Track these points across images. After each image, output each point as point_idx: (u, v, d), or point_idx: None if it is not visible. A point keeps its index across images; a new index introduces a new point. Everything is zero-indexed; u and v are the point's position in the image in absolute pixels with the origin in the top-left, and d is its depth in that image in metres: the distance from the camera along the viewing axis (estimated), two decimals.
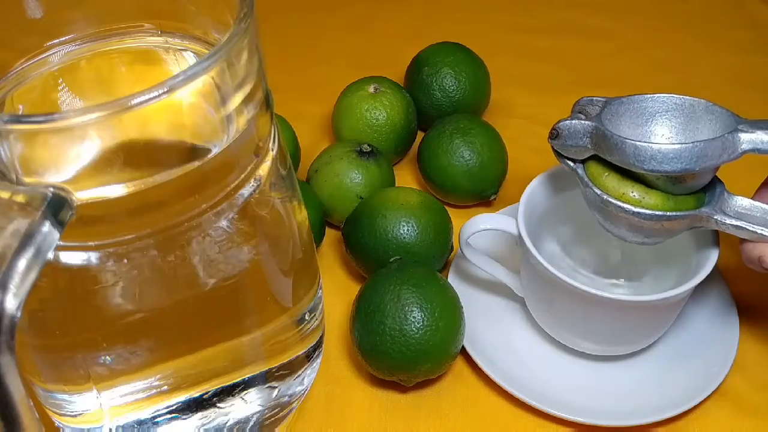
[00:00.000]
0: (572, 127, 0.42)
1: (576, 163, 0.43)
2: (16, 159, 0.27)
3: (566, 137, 0.42)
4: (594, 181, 0.42)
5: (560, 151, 0.43)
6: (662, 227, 0.40)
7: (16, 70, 0.35)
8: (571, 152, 0.43)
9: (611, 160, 0.40)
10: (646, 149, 0.39)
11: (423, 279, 0.45)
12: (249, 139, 0.32)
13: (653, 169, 0.39)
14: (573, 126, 0.42)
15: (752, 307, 0.50)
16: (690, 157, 0.38)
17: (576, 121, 0.42)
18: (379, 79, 0.60)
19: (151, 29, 0.37)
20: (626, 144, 0.39)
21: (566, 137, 0.42)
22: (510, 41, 0.76)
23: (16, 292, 0.25)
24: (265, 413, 0.40)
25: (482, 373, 0.46)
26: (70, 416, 0.37)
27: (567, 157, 0.43)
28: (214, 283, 0.33)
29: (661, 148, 0.38)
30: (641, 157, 0.39)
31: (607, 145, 0.40)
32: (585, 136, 0.41)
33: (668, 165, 0.38)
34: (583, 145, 0.42)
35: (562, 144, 0.42)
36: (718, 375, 0.45)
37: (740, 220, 0.40)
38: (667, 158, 0.38)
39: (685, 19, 0.80)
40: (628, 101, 0.43)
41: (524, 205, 0.45)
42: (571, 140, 0.42)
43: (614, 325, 0.44)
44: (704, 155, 0.38)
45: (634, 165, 0.39)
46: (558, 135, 0.42)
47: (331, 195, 0.55)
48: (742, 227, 0.40)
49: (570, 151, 0.43)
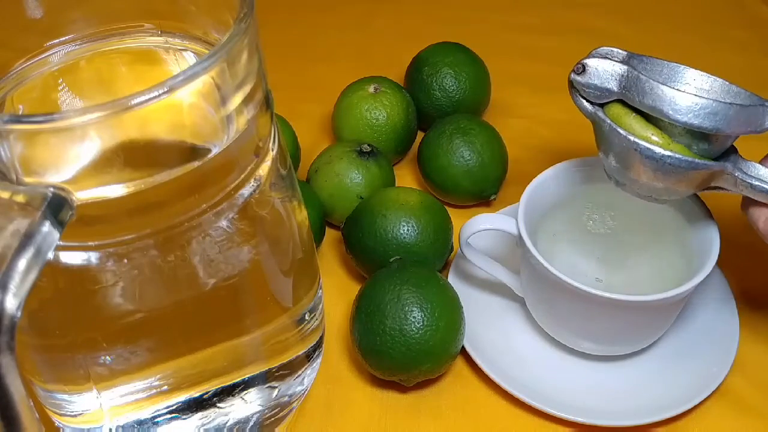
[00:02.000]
0: (601, 66, 0.40)
1: (594, 106, 0.41)
2: (16, 159, 0.27)
3: (592, 75, 0.40)
4: (617, 123, 0.40)
5: (580, 89, 0.41)
6: (685, 177, 0.39)
7: (16, 70, 0.35)
8: (591, 93, 0.41)
9: (641, 105, 0.39)
10: (684, 99, 0.37)
11: (423, 279, 0.45)
12: (249, 139, 0.32)
13: (687, 121, 0.38)
14: (602, 65, 0.40)
15: (752, 306, 0.50)
16: (725, 117, 0.37)
17: (606, 60, 0.40)
18: (379, 79, 0.60)
19: (151, 29, 0.37)
20: (664, 91, 0.38)
21: (592, 75, 0.40)
22: (510, 41, 0.76)
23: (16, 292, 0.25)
24: (265, 413, 0.40)
25: (482, 373, 0.46)
26: (70, 416, 0.37)
27: (584, 98, 0.42)
28: (214, 283, 0.33)
29: (700, 102, 0.37)
30: (678, 107, 0.37)
31: (640, 89, 0.38)
32: (613, 78, 0.40)
33: (704, 120, 0.37)
34: (608, 87, 0.40)
35: (587, 82, 0.40)
36: (718, 375, 0.45)
37: (758, 180, 0.40)
38: (704, 112, 0.37)
39: (685, 19, 0.80)
40: (649, 61, 0.42)
41: (524, 205, 0.45)
42: (597, 79, 0.40)
43: (614, 325, 0.44)
44: (737, 119, 0.38)
45: (668, 114, 0.38)
46: (584, 71, 0.40)
47: (331, 195, 0.55)
48: (760, 186, 0.39)
49: (590, 93, 0.41)
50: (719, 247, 0.43)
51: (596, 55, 0.41)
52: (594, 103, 0.41)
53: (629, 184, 0.42)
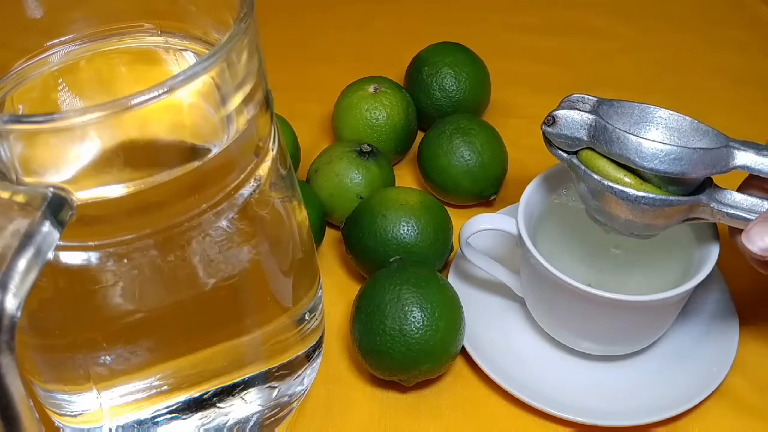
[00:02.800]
0: (570, 117, 0.42)
1: (569, 154, 0.43)
2: (16, 159, 0.27)
3: (562, 126, 0.42)
4: (590, 168, 0.41)
5: (552, 139, 0.43)
6: (662, 214, 0.40)
7: (16, 70, 0.35)
8: (562, 143, 0.42)
9: (609, 154, 0.40)
10: (649, 147, 0.39)
11: (423, 279, 0.45)
12: (249, 139, 0.32)
13: (653, 167, 0.39)
14: (571, 115, 0.42)
15: (752, 307, 0.50)
16: (690, 161, 0.39)
17: (575, 111, 0.42)
18: (379, 79, 0.60)
19: (151, 29, 0.37)
20: (629, 139, 0.39)
21: (562, 126, 0.42)
22: (510, 41, 0.76)
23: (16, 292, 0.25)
24: (265, 413, 0.40)
25: (482, 373, 0.46)
26: (70, 416, 0.37)
27: (557, 147, 0.43)
28: (214, 283, 0.33)
29: (664, 148, 0.39)
30: (643, 154, 0.39)
31: (607, 138, 0.40)
32: (582, 128, 0.41)
33: (669, 166, 0.39)
34: (577, 136, 0.41)
35: (557, 132, 0.42)
36: (718, 375, 0.45)
37: (734, 208, 0.41)
38: (668, 159, 0.39)
39: (685, 19, 0.80)
40: (619, 105, 0.43)
41: (524, 205, 0.45)
42: (567, 129, 0.42)
43: (614, 325, 0.44)
44: (702, 162, 0.39)
45: (635, 161, 0.39)
46: (554, 122, 0.42)
47: (331, 195, 0.55)
48: (736, 214, 0.40)
49: (562, 142, 0.42)
50: (719, 247, 0.43)
51: (566, 105, 0.43)
52: (566, 151, 0.43)
53: (610, 223, 0.43)
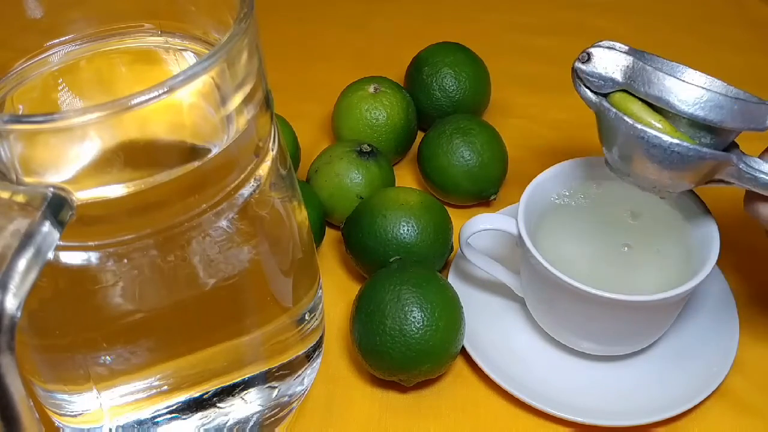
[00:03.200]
0: (607, 55, 0.40)
1: (597, 96, 0.41)
2: (16, 159, 0.27)
3: (598, 63, 0.40)
4: (622, 111, 0.40)
5: (584, 78, 0.41)
6: (691, 167, 0.39)
7: (16, 70, 0.35)
8: (594, 83, 0.41)
9: (646, 96, 0.39)
10: (691, 90, 0.37)
11: (423, 279, 0.45)
12: (249, 139, 0.32)
13: (693, 113, 0.37)
14: (608, 54, 0.40)
15: (752, 306, 0.50)
16: (730, 111, 0.37)
17: (612, 50, 0.40)
18: (379, 79, 0.60)
19: (151, 29, 0.37)
20: (671, 81, 0.38)
21: (598, 63, 0.40)
22: (510, 41, 0.76)
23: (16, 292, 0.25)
24: (265, 413, 0.40)
25: (482, 373, 0.46)
26: (70, 416, 0.37)
27: (587, 87, 0.41)
28: (214, 283, 0.33)
29: (706, 94, 0.37)
30: (684, 98, 0.37)
31: (645, 79, 0.38)
32: (617, 68, 0.40)
33: (709, 112, 0.37)
34: (612, 76, 0.40)
35: (591, 71, 0.40)
36: (718, 375, 0.45)
37: (762, 173, 0.39)
38: (709, 105, 0.37)
39: (685, 19, 0.80)
40: (650, 58, 0.41)
41: (524, 205, 0.45)
42: (602, 68, 0.40)
43: (614, 325, 0.44)
44: (741, 114, 0.38)
45: (675, 105, 0.38)
46: (589, 59, 0.40)
47: (331, 195, 0.55)
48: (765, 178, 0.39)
49: (594, 82, 0.40)
50: (719, 247, 0.43)
51: (600, 45, 0.41)
52: (597, 92, 0.41)
53: (633, 175, 0.41)
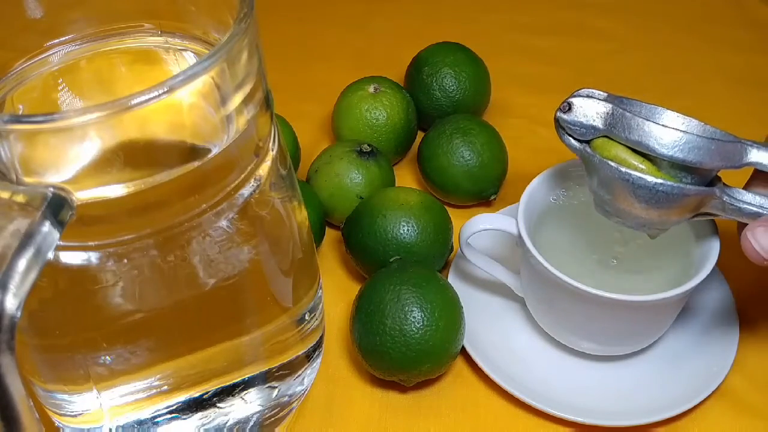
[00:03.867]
0: (586, 104, 0.41)
1: (581, 143, 0.42)
2: (16, 159, 0.27)
3: (578, 113, 0.41)
4: (605, 156, 0.41)
5: (566, 127, 0.42)
6: (677, 204, 0.40)
7: (16, 70, 0.35)
8: (576, 131, 0.42)
9: (626, 141, 0.40)
10: (669, 134, 0.38)
11: (423, 279, 0.45)
12: (249, 139, 0.32)
13: (673, 155, 0.38)
14: (587, 103, 0.41)
15: (752, 307, 0.50)
16: (708, 152, 0.39)
17: (591, 99, 0.41)
18: (379, 79, 0.60)
19: (151, 29, 0.37)
20: (649, 126, 0.39)
21: (578, 113, 0.41)
22: (510, 41, 0.76)
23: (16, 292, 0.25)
24: (265, 413, 0.40)
25: (482, 373, 0.46)
26: (70, 416, 0.37)
27: (570, 135, 0.42)
28: (214, 283, 0.33)
29: (684, 136, 0.38)
30: (663, 142, 0.38)
31: (625, 126, 0.39)
32: (598, 116, 0.41)
33: (688, 154, 0.38)
34: (593, 124, 0.41)
35: (572, 120, 0.41)
36: (718, 375, 0.45)
37: (745, 203, 0.41)
38: (688, 147, 0.38)
39: (685, 19, 0.80)
40: (628, 102, 0.43)
41: (524, 205, 0.45)
42: (583, 117, 0.41)
43: (614, 325, 0.44)
44: (718, 153, 0.39)
45: (654, 149, 0.39)
46: (569, 109, 0.41)
47: (331, 195, 0.55)
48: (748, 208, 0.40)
49: (576, 130, 0.42)
50: (719, 247, 0.43)
51: (579, 95, 0.42)
52: (580, 140, 0.42)
53: (621, 216, 0.42)
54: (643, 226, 0.42)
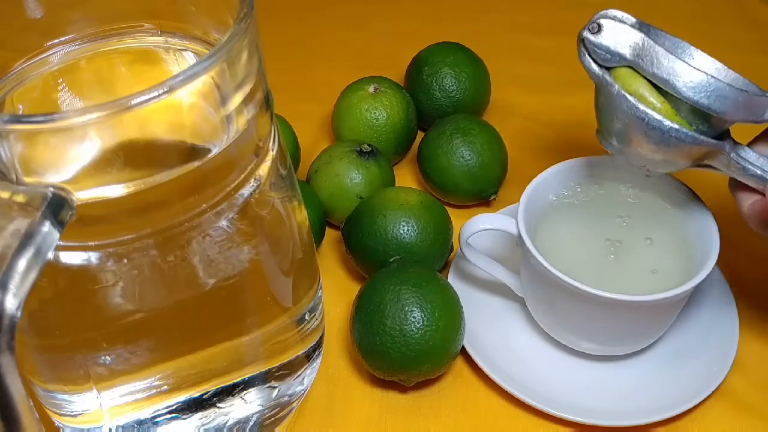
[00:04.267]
0: (618, 29, 0.39)
1: (601, 69, 0.40)
2: (16, 159, 0.27)
3: (608, 36, 0.39)
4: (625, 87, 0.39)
5: (591, 49, 0.40)
6: (685, 151, 0.39)
7: (16, 70, 0.35)
8: (600, 55, 0.40)
9: (652, 76, 0.38)
10: (700, 77, 0.37)
11: (423, 279, 0.45)
12: (249, 139, 0.32)
13: (698, 100, 0.37)
14: (618, 28, 0.39)
15: (752, 306, 0.50)
16: (734, 102, 0.37)
17: (623, 25, 0.39)
18: (379, 79, 0.60)
19: (151, 29, 0.37)
20: (680, 66, 0.37)
21: (608, 36, 0.39)
22: (510, 41, 0.76)
23: (16, 292, 0.25)
24: (265, 413, 0.40)
25: (482, 373, 0.46)
26: (70, 416, 0.37)
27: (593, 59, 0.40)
28: (214, 283, 0.33)
29: (714, 83, 0.37)
30: (691, 84, 0.37)
31: (654, 61, 0.38)
32: (627, 44, 0.39)
33: (714, 102, 0.37)
34: (620, 51, 0.39)
35: (599, 43, 0.39)
36: (718, 375, 0.45)
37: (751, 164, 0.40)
38: (715, 94, 0.37)
39: (685, 19, 0.80)
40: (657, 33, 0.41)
41: (524, 205, 0.45)
42: (611, 42, 0.39)
43: (614, 325, 0.44)
44: (743, 106, 0.38)
45: (680, 90, 0.37)
46: (599, 30, 0.39)
47: (331, 195, 0.55)
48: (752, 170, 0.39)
49: (600, 54, 0.40)
50: (719, 247, 0.43)
51: (608, 16, 0.40)
52: (601, 65, 0.40)
53: (625, 150, 0.41)
54: (644, 165, 0.41)
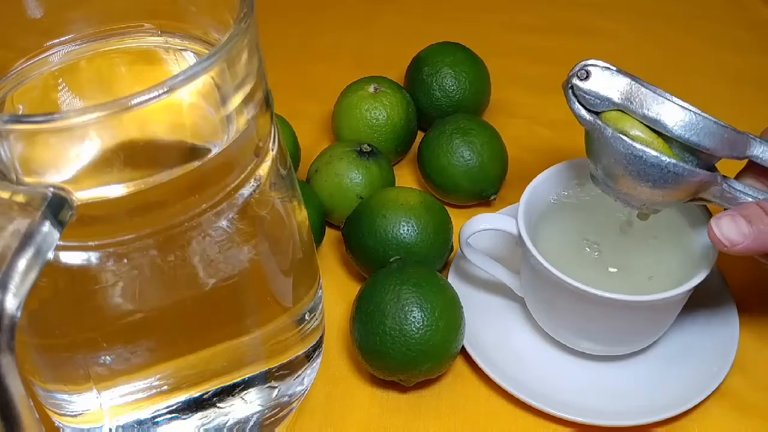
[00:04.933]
0: (605, 73, 0.39)
1: (591, 114, 0.41)
2: (16, 159, 0.27)
3: (596, 82, 0.40)
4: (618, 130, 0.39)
5: (580, 96, 0.40)
6: (683, 186, 0.39)
7: (16, 70, 0.35)
8: (589, 100, 0.40)
9: (642, 118, 0.39)
10: (689, 116, 0.38)
11: (423, 279, 0.45)
12: (249, 139, 0.32)
13: (688, 138, 0.38)
14: (605, 73, 0.39)
15: (752, 307, 0.50)
16: (720, 139, 0.39)
17: (609, 69, 0.40)
18: (379, 79, 0.60)
19: (151, 29, 0.37)
20: (669, 106, 0.38)
21: (596, 82, 0.40)
22: (510, 41, 0.76)
23: (16, 292, 0.25)
24: (265, 413, 0.40)
25: (482, 373, 0.46)
26: (70, 416, 0.37)
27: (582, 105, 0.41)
28: (214, 283, 0.33)
29: (702, 121, 0.38)
30: (682, 123, 0.38)
31: (643, 101, 0.38)
32: (614, 88, 0.39)
33: (704, 139, 0.38)
34: (608, 96, 0.40)
35: (589, 89, 0.40)
36: (718, 375, 0.45)
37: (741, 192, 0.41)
38: (704, 132, 0.38)
39: (685, 19, 0.80)
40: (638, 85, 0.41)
41: (524, 205, 0.45)
42: (600, 86, 0.40)
43: (614, 325, 0.44)
44: (729, 142, 0.39)
45: (670, 128, 0.38)
46: (587, 77, 0.40)
47: (331, 195, 0.55)
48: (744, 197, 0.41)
49: (589, 99, 0.40)
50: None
51: (596, 65, 0.41)
52: (590, 110, 0.41)
53: (622, 192, 0.42)
54: (641, 205, 0.42)
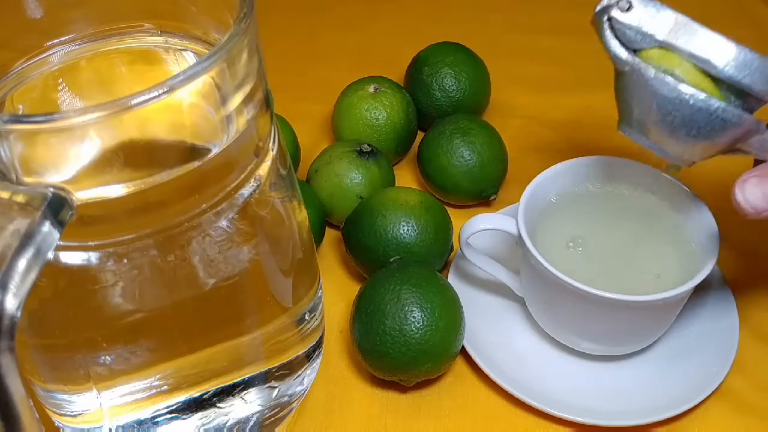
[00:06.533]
0: (651, 5, 0.36)
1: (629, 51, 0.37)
2: (16, 159, 0.27)
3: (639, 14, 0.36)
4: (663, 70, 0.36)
5: (620, 30, 0.37)
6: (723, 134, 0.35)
7: (16, 70, 0.35)
8: (628, 35, 0.37)
9: (690, 56, 0.36)
10: (745, 55, 0.35)
11: (423, 279, 0.45)
12: (249, 139, 0.32)
13: (741, 79, 0.35)
14: (650, 4, 0.36)
15: (752, 306, 0.50)
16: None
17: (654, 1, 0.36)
18: (379, 79, 0.60)
19: (151, 29, 0.37)
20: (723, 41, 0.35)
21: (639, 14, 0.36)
22: (510, 41, 0.76)
23: (16, 292, 0.25)
24: (265, 413, 0.40)
25: (482, 373, 0.46)
26: (70, 416, 0.37)
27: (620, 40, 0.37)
28: (214, 283, 0.33)
29: (759, 60, 0.35)
30: (735, 63, 0.35)
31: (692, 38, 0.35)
32: (659, 21, 0.36)
33: (757, 80, 0.35)
34: (650, 32, 0.36)
35: (628, 23, 0.36)
36: (718, 375, 0.45)
37: None
38: (758, 72, 0.35)
39: None
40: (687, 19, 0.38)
41: (524, 205, 0.45)
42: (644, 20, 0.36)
43: (614, 325, 0.44)
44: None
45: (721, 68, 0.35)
46: (629, 8, 0.36)
47: (331, 195, 0.55)
48: None
49: (629, 35, 0.37)
50: (719, 247, 0.43)
51: None
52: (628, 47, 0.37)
53: (659, 142, 0.38)
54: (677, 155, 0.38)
